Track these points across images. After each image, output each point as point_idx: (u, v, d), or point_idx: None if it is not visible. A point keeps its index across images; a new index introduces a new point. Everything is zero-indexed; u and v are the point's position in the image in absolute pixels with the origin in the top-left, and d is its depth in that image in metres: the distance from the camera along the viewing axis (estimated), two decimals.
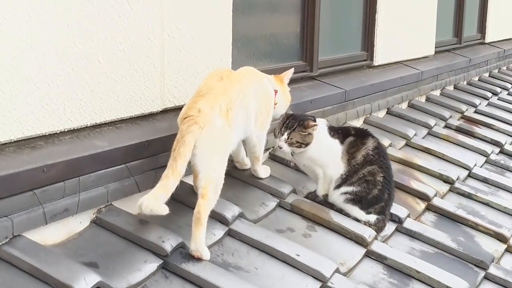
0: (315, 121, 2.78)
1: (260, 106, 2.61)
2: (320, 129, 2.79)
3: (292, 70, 2.96)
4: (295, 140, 2.73)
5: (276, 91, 2.78)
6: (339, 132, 2.84)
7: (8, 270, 1.88)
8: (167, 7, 2.64)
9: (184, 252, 2.16)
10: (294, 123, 2.73)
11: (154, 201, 2.08)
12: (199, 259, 2.15)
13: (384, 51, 4.63)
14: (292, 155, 2.77)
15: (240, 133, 2.51)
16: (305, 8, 3.83)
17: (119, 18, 2.42)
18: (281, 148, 2.76)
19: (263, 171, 2.82)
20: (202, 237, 2.16)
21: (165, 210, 2.09)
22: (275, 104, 2.77)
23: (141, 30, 2.53)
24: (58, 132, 2.25)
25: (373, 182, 2.75)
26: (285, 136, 2.73)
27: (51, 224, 2.07)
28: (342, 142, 2.80)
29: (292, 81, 3.43)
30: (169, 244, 2.14)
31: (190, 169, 2.29)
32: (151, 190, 2.13)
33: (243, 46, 3.35)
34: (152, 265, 2.08)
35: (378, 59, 4.58)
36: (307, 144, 2.74)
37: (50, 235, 2.08)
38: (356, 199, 2.75)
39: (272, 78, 2.82)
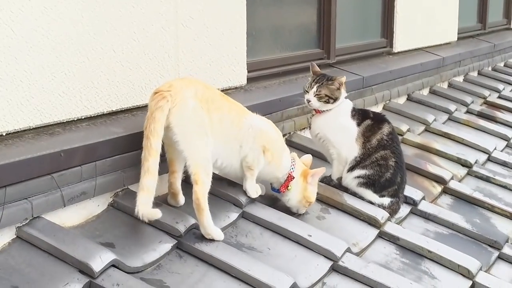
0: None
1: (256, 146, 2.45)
2: (345, 108, 2.84)
3: (324, 169, 2.61)
4: (323, 94, 2.78)
5: (292, 177, 2.53)
6: (359, 113, 2.87)
7: (28, 249, 1.97)
8: None
9: (197, 233, 2.23)
10: (323, 79, 2.81)
11: (147, 207, 2.09)
12: (212, 240, 2.22)
13: (404, 37, 4.62)
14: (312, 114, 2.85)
15: (220, 147, 2.32)
16: None
17: (133, 9, 2.49)
18: (309, 101, 2.81)
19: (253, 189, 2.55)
20: (208, 221, 2.19)
21: (158, 214, 2.12)
22: (287, 187, 2.53)
23: (156, 20, 2.59)
24: (75, 119, 2.34)
25: (385, 166, 2.77)
26: (314, 89, 2.79)
27: (70, 207, 2.16)
28: (359, 125, 2.83)
29: (308, 69, 3.45)
30: (182, 225, 2.21)
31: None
32: (140, 185, 2.11)
33: (258, 34, 3.39)
34: (166, 245, 2.15)
35: (398, 46, 4.57)
36: (335, 99, 2.79)
37: (69, 217, 2.17)
38: (369, 183, 2.78)
39: (300, 167, 2.56)
